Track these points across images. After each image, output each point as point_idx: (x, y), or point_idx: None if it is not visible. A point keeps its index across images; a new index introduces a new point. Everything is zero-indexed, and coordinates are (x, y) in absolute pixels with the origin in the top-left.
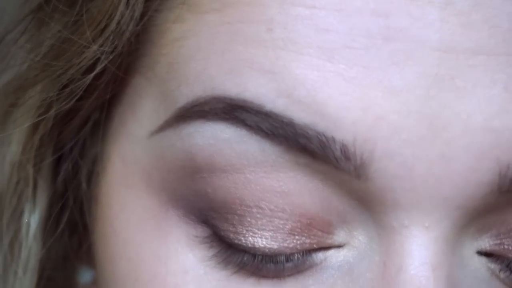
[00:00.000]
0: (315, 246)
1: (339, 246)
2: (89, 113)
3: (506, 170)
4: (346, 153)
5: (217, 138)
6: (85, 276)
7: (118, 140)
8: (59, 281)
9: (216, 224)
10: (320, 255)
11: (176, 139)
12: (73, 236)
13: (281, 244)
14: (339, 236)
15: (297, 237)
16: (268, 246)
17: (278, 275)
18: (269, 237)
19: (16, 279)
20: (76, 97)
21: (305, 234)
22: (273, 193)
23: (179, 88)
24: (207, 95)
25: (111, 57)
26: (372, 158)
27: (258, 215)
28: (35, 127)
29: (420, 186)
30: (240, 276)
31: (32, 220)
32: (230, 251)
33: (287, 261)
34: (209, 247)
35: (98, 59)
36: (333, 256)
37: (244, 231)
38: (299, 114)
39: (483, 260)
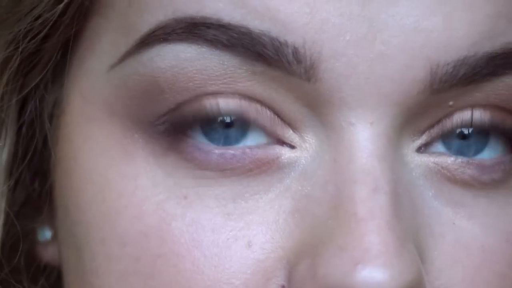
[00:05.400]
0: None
1: (292, 146)
2: (51, 55)
3: (436, 68)
4: (297, 56)
5: (179, 59)
6: (45, 234)
7: (77, 81)
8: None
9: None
10: (276, 150)
11: (137, 66)
12: (34, 180)
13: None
14: (291, 140)
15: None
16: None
17: (242, 170)
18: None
19: None
20: (43, 34)
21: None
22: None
23: (141, 17)
24: (168, 18)
25: None
26: (320, 59)
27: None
28: (2, 66)
29: (363, 84)
30: (209, 175)
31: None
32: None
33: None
34: (177, 151)
35: None
36: (287, 154)
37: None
38: (254, 23)
39: (423, 157)
